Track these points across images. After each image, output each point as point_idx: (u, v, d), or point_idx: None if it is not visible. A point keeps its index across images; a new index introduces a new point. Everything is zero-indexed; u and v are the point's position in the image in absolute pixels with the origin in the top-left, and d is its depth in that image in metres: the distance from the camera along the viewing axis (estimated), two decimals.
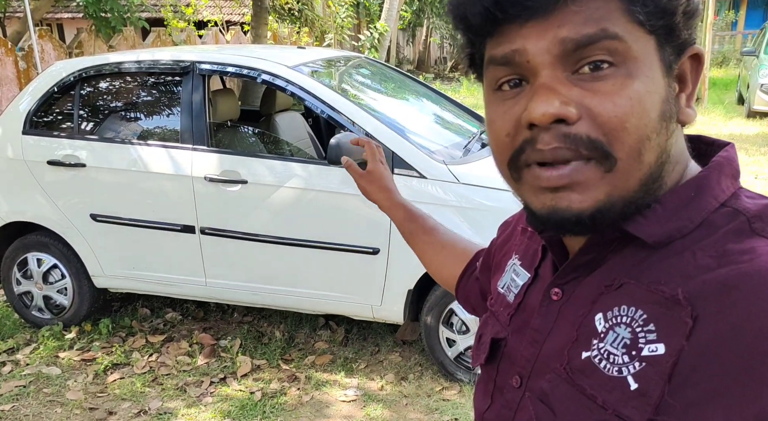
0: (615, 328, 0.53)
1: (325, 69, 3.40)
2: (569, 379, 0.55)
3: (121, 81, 3.30)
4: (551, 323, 0.60)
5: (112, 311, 3.55)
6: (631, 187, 0.52)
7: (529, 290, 0.66)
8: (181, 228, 3.03)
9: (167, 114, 3.23)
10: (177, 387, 2.84)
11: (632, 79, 0.50)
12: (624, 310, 0.53)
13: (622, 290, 0.54)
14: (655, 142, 0.51)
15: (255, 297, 3.06)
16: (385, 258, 2.80)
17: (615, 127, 0.49)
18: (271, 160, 2.98)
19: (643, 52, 0.50)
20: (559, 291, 0.60)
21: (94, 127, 3.25)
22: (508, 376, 0.64)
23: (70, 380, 2.87)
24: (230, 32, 12.33)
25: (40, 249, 3.27)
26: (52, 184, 3.17)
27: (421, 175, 2.72)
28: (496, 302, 0.72)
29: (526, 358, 0.62)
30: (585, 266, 0.58)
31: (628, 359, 0.51)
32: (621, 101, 0.49)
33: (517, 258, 0.71)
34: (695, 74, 0.55)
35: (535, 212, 0.55)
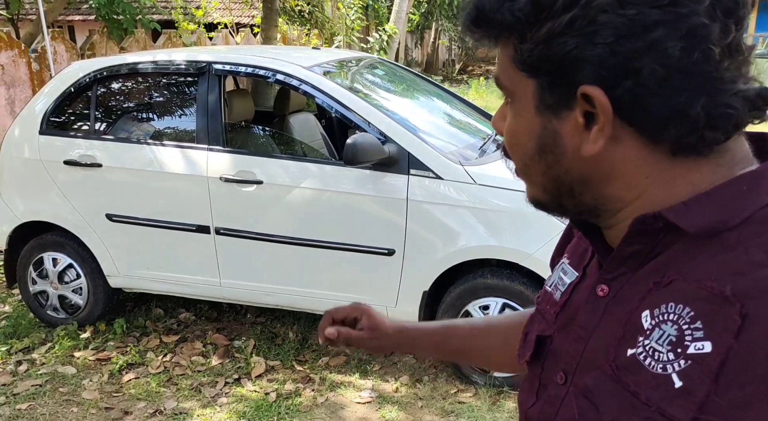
0: (661, 325, 0.53)
1: (340, 69, 3.40)
2: (614, 375, 0.55)
3: (137, 81, 3.31)
4: (597, 320, 0.60)
5: (126, 310, 3.56)
6: (539, 195, 0.62)
7: (577, 287, 0.67)
8: (196, 228, 3.04)
9: (183, 114, 3.24)
10: (192, 387, 2.84)
11: (513, 116, 0.60)
12: (672, 307, 0.53)
13: (671, 287, 0.54)
14: (535, 169, 0.60)
15: (269, 298, 3.06)
16: (401, 259, 2.79)
17: (508, 149, 0.63)
18: (286, 161, 2.98)
19: (522, 94, 0.58)
20: (605, 287, 0.60)
21: (110, 128, 3.26)
22: (553, 373, 0.65)
23: (85, 380, 2.88)
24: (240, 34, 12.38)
25: (55, 249, 3.28)
26: (68, 184, 3.18)
27: (437, 176, 2.71)
28: (543, 300, 0.73)
29: (570, 354, 0.62)
30: (631, 259, 0.58)
31: (673, 357, 0.51)
32: (506, 132, 0.62)
33: (567, 257, 0.73)
34: (600, 109, 0.55)
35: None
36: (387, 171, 2.76)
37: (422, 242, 2.76)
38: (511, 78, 0.59)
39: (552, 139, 0.58)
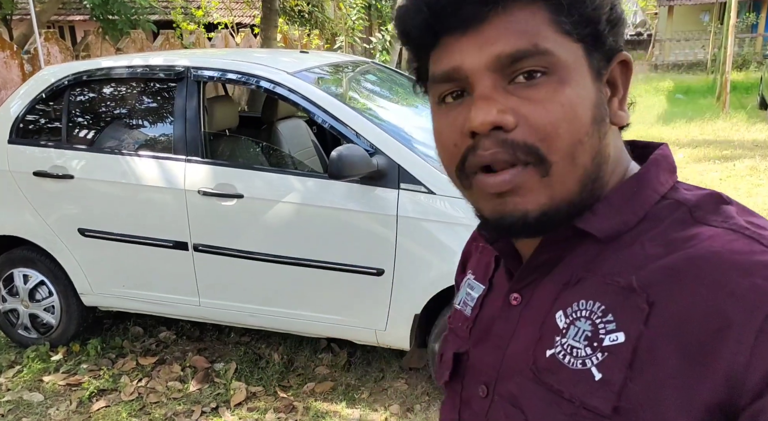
0: (576, 322, 0.54)
1: (329, 75, 3.20)
2: (536, 378, 0.56)
3: (112, 88, 3.12)
4: (513, 327, 0.60)
5: (103, 329, 3.38)
6: (570, 188, 0.54)
7: (486, 300, 0.67)
8: (174, 244, 2.84)
9: (160, 123, 3.05)
10: (165, 417, 2.64)
11: (564, 85, 0.52)
12: (583, 304, 0.54)
13: (579, 286, 0.56)
14: (588, 144, 0.53)
15: (252, 319, 2.87)
16: (390, 280, 2.59)
17: (549, 133, 0.52)
18: (269, 173, 2.78)
19: (573, 60, 0.53)
20: (518, 296, 0.61)
21: (83, 137, 3.07)
22: (473, 388, 0.64)
23: (52, 409, 2.68)
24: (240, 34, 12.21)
25: (26, 265, 3.10)
26: (39, 197, 2.99)
27: (429, 191, 2.51)
28: (455, 319, 0.71)
29: (490, 365, 0.62)
30: (541, 267, 0.59)
31: (590, 351, 0.52)
32: (554, 107, 0.52)
33: (471, 273, 0.72)
34: (625, 79, 0.57)
35: (487, 218, 0.57)
36: (376, 185, 2.56)
37: (414, 261, 2.56)
38: (558, 43, 0.52)
39: (604, 108, 0.55)
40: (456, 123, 0.55)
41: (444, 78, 0.55)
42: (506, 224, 0.55)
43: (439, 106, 0.58)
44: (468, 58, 0.53)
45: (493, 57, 0.52)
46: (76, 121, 3.08)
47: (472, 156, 0.54)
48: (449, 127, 0.56)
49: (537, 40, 0.51)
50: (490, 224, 0.57)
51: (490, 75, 0.53)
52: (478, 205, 0.58)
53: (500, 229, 0.56)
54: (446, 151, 0.58)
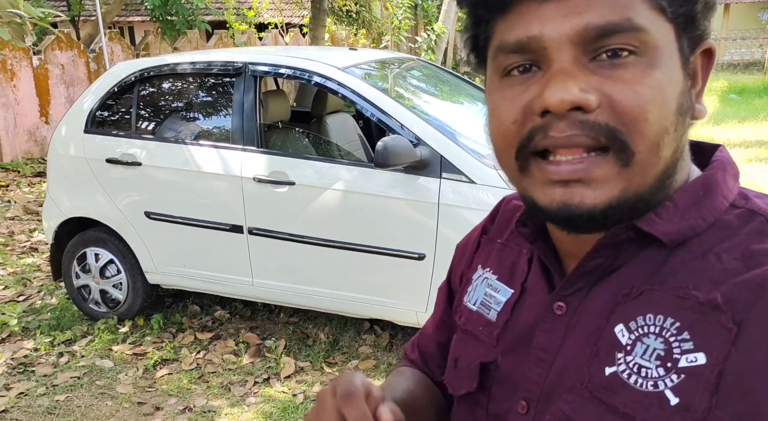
0: (643, 339, 0.50)
1: (376, 71, 3.36)
2: (593, 397, 0.51)
3: (176, 82, 3.37)
4: (560, 340, 0.55)
5: (164, 306, 3.64)
6: (646, 182, 0.49)
7: (518, 305, 0.61)
8: (230, 228, 3.07)
9: (219, 115, 3.28)
10: (222, 385, 2.87)
11: (653, 68, 0.47)
12: (650, 319, 0.50)
13: (643, 298, 0.51)
14: (673, 136, 0.49)
15: (300, 299, 3.06)
16: (431, 264, 2.74)
17: (636, 116, 0.47)
18: (318, 162, 2.97)
19: (664, 42, 0.48)
20: (563, 305, 0.55)
21: (150, 127, 3.34)
22: (507, 401, 0.59)
23: (121, 374, 2.95)
24: (289, 34, 12.53)
25: (98, 244, 3.39)
26: (110, 182, 3.27)
27: (470, 181, 2.64)
28: (470, 321, 0.65)
29: (532, 380, 0.57)
30: (591, 273, 0.54)
31: (663, 372, 0.48)
32: (643, 90, 0.46)
33: (490, 272, 0.66)
34: (706, 70, 0.52)
35: (542, 207, 0.50)
36: (419, 174, 2.71)
37: (454, 246, 2.69)
38: (651, 20, 0.47)
39: (690, 96, 0.51)
40: (520, 98, 0.50)
41: (516, 48, 0.49)
42: (566, 215, 0.49)
43: (501, 80, 0.52)
44: (549, 27, 0.47)
45: (579, 28, 0.46)
46: (143, 113, 3.35)
47: (542, 137, 0.48)
48: (510, 102, 0.50)
49: (631, 13, 0.46)
50: (546, 213, 0.50)
51: (572, 48, 0.47)
52: (533, 193, 0.51)
53: (557, 220, 0.51)
54: (502, 128, 0.51)
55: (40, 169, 7.34)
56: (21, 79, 7.61)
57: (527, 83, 0.50)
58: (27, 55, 7.67)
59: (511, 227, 0.66)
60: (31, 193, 6.38)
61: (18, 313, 3.46)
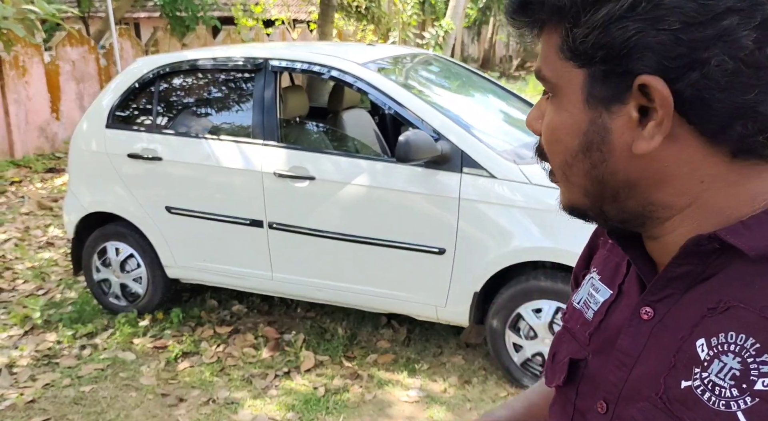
0: (721, 356, 0.49)
1: (394, 66, 3.38)
2: (667, 409, 0.52)
3: (196, 77, 3.40)
4: (641, 346, 0.56)
5: (182, 301, 3.67)
6: (579, 201, 0.58)
7: (612, 307, 0.63)
8: (250, 222, 3.09)
9: (239, 110, 3.31)
10: (243, 378, 2.90)
11: (554, 111, 0.56)
12: (732, 337, 0.49)
13: (729, 314, 0.50)
14: (578, 167, 0.55)
15: (319, 293, 3.09)
16: (451, 259, 2.76)
17: (546, 149, 0.58)
18: (339, 157, 3.00)
19: (568, 87, 0.54)
20: (650, 310, 0.56)
21: (170, 122, 3.36)
22: (591, 400, 0.61)
23: (143, 366, 2.98)
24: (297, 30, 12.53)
25: (118, 239, 3.42)
26: (131, 177, 3.30)
27: (490, 175, 2.66)
28: (572, 318, 0.68)
29: (612, 382, 0.58)
30: (680, 280, 0.54)
31: (737, 393, 0.48)
32: (545, 129, 0.57)
33: (596, 272, 0.68)
34: (660, 102, 0.50)
35: None
36: (439, 169, 2.73)
37: (474, 241, 2.72)
38: (556, 69, 0.54)
39: (600, 136, 0.53)
40: None
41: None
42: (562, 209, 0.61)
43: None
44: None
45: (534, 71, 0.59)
46: (164, 108, 3.38)
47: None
48: None
49: (542, 64, 0.56)
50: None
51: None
52: None
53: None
54: None
55: (52, 165, 7.39)
56: (32, 75, 7.66)
57: None
58: (38, 52, 7.71)
59: None
60: (44, 188, 6.43)
61: (40, 306, 3.50)
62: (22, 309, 3.53)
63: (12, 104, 7.44)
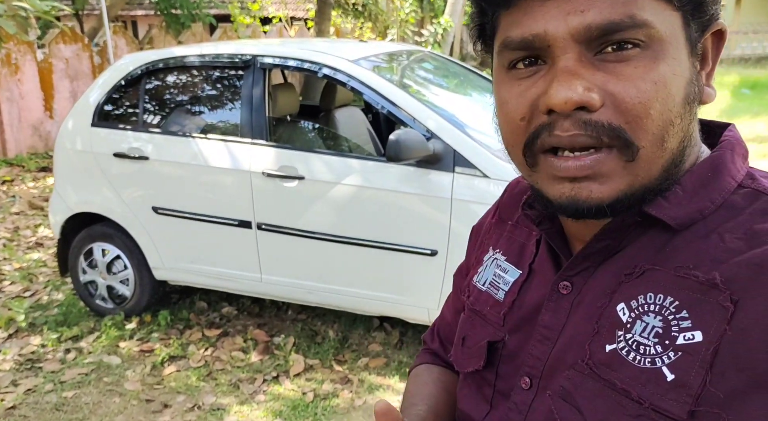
0: (643, 317, 0.51)
1: (387, 63, 3.31)
2: (594, 374, 0.52)
3: (184, 75, 3.32)
4: (564, 318, 0.57)
5: (171, 303, 3.60)
6: (653, 174, 0.50)
7: (525, 286, 0.63)
8: (238, 223, 3.02)
9: (228, 108, 3.23)
10: (230, 383, 2.83)
11: (658, 61, 0.47)
12: (651, 298, 0.51)
13: (645, 277, 0.52)
14: (679, 126, 0.49)
15: (310, 295, 3.02)
16: (444, 260, 2.69)
17: (639, 114, 0.47)
18: (329, 156, 2.92)
19: (670, 33, 0.48)
20: (568, 284, 0.57)
21: (157, 121, 3.29)
22: (512, 378, 0.61)
23: (129, 370, 2.91)
24: (294, 28, 12.46)
25: (104, 240, 3.34)
26: (117, 177, 3.22)
27: (483, 175, 2.59)
28: (478, 301, 0.67)
29: (536, 357, 0.58)
30: (597, 255, 0.55)
31: (661, 349, 0.49)
32: (646, 86, 0.47)
33: (500, 253, 0.68)
34: (716, 51, 0.52)
35: (551, 201, 0.52)
36: (431, 168, 2.66)
37: (467, 242, 2.64)
38: (655, 13, 0.47)
39: (697, 85, 0.51)
40: (527, 95, 0.50)
41: (521, 45, 0.50)
42: (577, 209, 0.50)
43: (508, 72, 0.52)
44: (552, 25, 0.48)
45: (582, 27, 0.47)
46: (151, 106, 3.30)
47: (547, 136, 0.49)
48: (518, 99, 0.51)
49: (634, 9, 0.46)
50: (555, 207, 0.52)
51: (576, 46, 0.47)
52: (542, 187, 0.53)
53: (567, 213, 0.52)
54: (511, 125, 0.52)
55: (45, 163, 7.31)
56: (25, 73, 7.57)
57: (534, 77, 0.50)
58: (31, 49, 7.63)
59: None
60: (36, 188, 6.35)
61: (25, 309, 3.43)
62: (7, 311, 3.46)
63: (4, 102, 7.36)
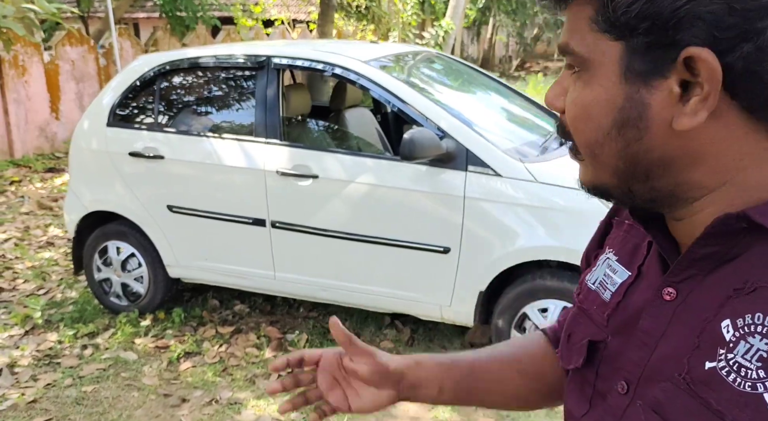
0: (747, 338, 0.48)
1: (398, 64, 3.36)
2: (690, 390, 0.51)
3: (198, 75, 3.37)
4: (664, 326, 0.55)
5: (184, 300, 3.65)
6: (605, 178, 0.55)
7: (631, 288, 0.62)
8: (253, 221, 3.07)
9: (242, 108, 3.28)
10: (246, 378, 2.87)
11: (584, 87, 0.53)
12: (759, 318, 0.48)
13: (756, 295, 0.49)
14: (609, 146, 0.52)
15: (323, 293, 3.06)
16: (456, 257, 2.74)
17: (573, 127, 0.55)
18: (342, 155, 2.97)
19: (601, 61, 0.51)
20: (673, 291, 0.55)
21: (172, 120, 3.34)
22: (611, 381, 0.60)
23: (145, 366, 2.96)
24: (296, 30, 12.51)
25: (119, 238, 3.39)
26: (132, 176, 3.27)
27: (496, 173, 2.64)
28: (587, 299, 0.67)
29: (633, 362, 0.58)
30: (704, 261, 0.53)
31: (764, 374, 0.47)
32: (572, 105, 0.54)
33: (613, 253, 0.67)
34: (707, 76, 0.48)
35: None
36: (444, 167, 2.71)
37: (479, 240, 2.70)
38: (588, 42, 0.52)
39: (637, 112, 0.51)
40: None
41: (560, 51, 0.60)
42: (581, 187, 0.58)
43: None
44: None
45: (560, 45, 0.56)
46: (166, 106, 3.35)
47: None
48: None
49: (570, 38, 0.53)
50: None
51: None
52: None
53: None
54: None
55: (51, 164, 7.36)
56: (32, 74, 7.62)
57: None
58: (38, 51, 7.68)
59: None
60: (44, 188, 6.40)
61: (41, 306, 3.47)
62: (23, 309, 3.50)
63: (11, 104, 7.41)
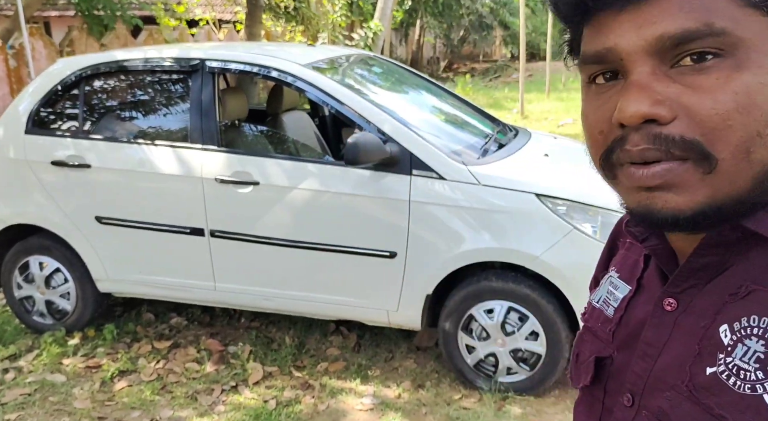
0: (744, 340, 0.49)
1: (337, 67, 3.32)
2: (692, 397, 0.51)
3: (126, 79, 3.20)
4: (666, 336, 0.55)
5: (115, 316, 3.45)
6: (740, 186, 0.47)
7: (632, 302, 0.62)
8: (190, 231, 2.94)
9: (176, 113, 3.14)
10: (187, 395, 2.75)
11: (740, 70, 0.45)
12: (755, 320, 0.48)
13: (751, 298, 0.49)
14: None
15: (267, 302, 2.98)
16: (403, 262, 2.73)
17: (716, 126, 0.45)
18: (284, 161, 2.90)
19: (757, 39, 0.45)
20: (673, 301, 0.55)
21: (99, 127, 3.14)
22: (617, 395, 0.60)
23: (76, 388, 2.77)
24: (223, 31, 12.19)
25: (42, 252, 3.16)
26: (56, 186, 3.06)
27: (440, 177, 2.66)
28: (591, 317, 0.68)
29: (637, 374, 0.58)
30: (703, 271, 0.53)
31: (762, 376, 0.47)
32: (724, 97, 0.45)
33: (615, 271, 0.67)
34: None
35: (630, 210, 0.52)
36: (388, 171, 2.70)
37: (425, 244, 2.70)
38: (737, 20, 0.45)
39: None
40: (605, 108, 0.50)
41: (595, 59, 0.51)
42: (652, 219, 0.49)
43: (589, 87, 0.53)
44: (624, 38, 0.48)
45: (653, 39, 0.46)
46: (92, 112, 3.15)
47: (621, 150, 0.49)
48: (596, 112, 0.52)
49: (712, 17, 0.45)
50: (636, 217, 0.52)
51: (649, 59, 0.47)
52: (624, 197, 0.53)
53: (647, 224, 0.52)
54: (591, 138, 0.53)
55: None
56: None
57: (611, 92, 0.50)
58: None
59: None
60: None
61: None
62: None
63: None
